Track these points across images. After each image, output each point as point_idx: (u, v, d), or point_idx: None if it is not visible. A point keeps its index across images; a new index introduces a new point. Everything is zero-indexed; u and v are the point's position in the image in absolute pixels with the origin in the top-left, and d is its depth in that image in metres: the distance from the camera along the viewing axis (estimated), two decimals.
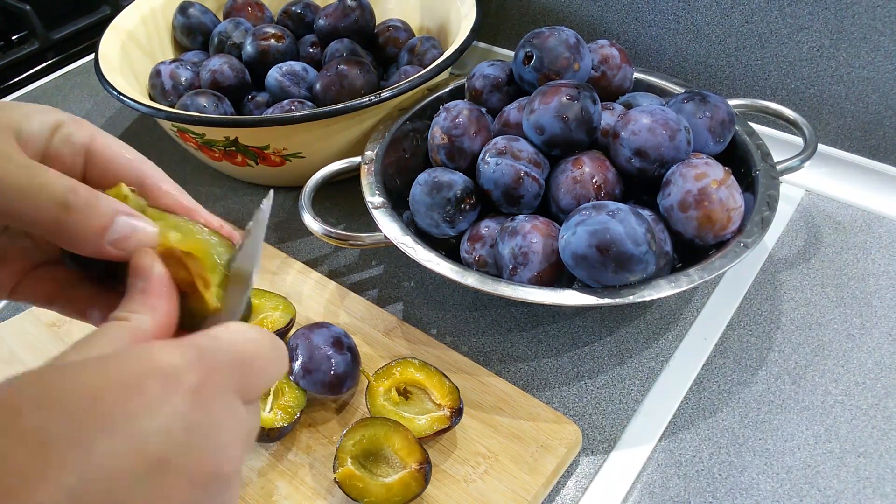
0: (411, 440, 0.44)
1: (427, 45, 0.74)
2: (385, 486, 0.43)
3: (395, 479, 0.43)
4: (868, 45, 0.62)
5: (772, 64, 0.67)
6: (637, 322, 0.56)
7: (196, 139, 0.65)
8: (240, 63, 0.72)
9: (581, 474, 0.47)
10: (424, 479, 0.43)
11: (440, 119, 0.57)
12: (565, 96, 0.51)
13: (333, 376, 0.47)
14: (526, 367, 0.54)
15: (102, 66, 0.68)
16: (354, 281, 0.62)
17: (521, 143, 0.53)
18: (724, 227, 0.49)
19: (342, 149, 0.66)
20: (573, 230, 0.46)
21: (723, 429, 0.49)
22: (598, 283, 0.47)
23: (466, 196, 0.54)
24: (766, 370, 0.52)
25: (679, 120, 0.51)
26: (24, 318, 0.58)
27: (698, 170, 0.49)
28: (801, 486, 0.45)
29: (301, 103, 0.67)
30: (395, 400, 0.47)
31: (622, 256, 0.44)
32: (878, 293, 0.57)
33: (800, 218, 0.64)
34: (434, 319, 0.58)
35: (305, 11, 0.78)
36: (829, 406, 0.50)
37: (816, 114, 0.67)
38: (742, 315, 0.56)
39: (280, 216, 0.70)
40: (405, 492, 0.42)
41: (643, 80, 0.65)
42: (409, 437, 0.44)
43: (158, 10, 0.79)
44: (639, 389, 0.52)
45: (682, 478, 0.46)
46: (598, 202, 0.47)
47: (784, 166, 0.57)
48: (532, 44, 0.56)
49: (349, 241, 0.54)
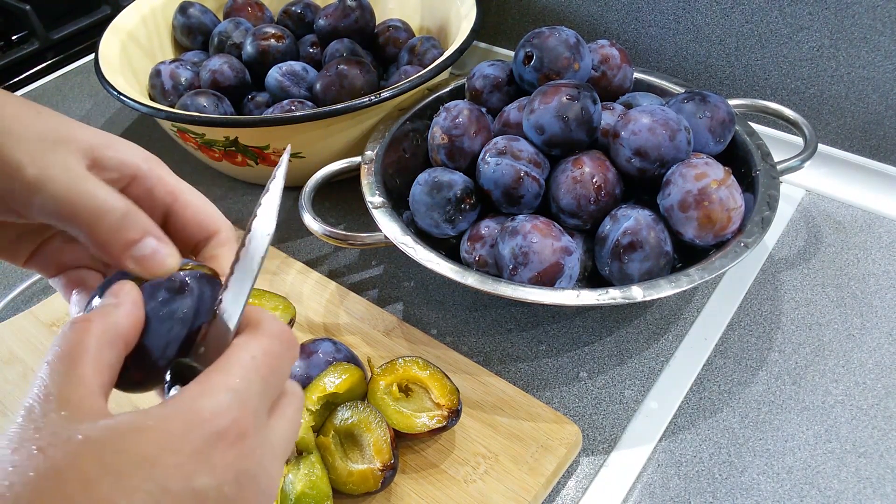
0: (387, 441, 0.44)
1: (427, 45, 0.74)
2: (348, 471, 0.44)
3: (357, 470, 0.44)
4: (868, 45, 0.61)
5: (772, 64, 0.67)
6: (637, 322, 0.56)
7: (196, 139, 0.65)
8: (240, 63, 0.72)
9: (581, 474, 0.47)
10: (382, 482, 0.43)
11: (440, 119, 0.57)
12: (565, 96, 0.51)
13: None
14: (526, 367, 0.54)
15: (102, 66, 0.68)
16: (354, 281, 0.62)
17: (522, 143, 0.53)
18: (724, 227, 0.49)
19: (342, 149, 0.66)
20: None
21: (723, 429, 0.49)
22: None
23: (466, 196, 0.54)
24: (767, 370, 0.52)
25: (679, 120, 0.51)
26: (24, 318, 0.58)
27: (698, 170, 0.49)
28: (801, 487, 0.45)
29: (301, 103, 0.67)
30: (395, 395, 0.47)
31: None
32: (878, 293, 0.57)
33: (800, 218, 0.64)
34: (434, 319, 0.58)
35: (305, 11, 0.78)
36: (829, 406, 0.50)
37: (816, 114, 0.67)
38: (742, 315, 0.56)
39: (280, 216, 0.70)
40: (361, 485, 0.44)
41: (643, 80, 0.65)
42: (386, 438, 0.44)
43: (158, 10, 0.79)
44: (639, 389, 0.52)
45: (682, 478, 0.46)
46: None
47: (784, 166, 0.57)
48: (532, 44, 0.56)
49: (349, 241, 0.54)
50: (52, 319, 0.58)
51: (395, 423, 0.46)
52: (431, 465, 0.46)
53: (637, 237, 0.49)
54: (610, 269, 0.51)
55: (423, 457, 0.47)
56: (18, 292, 0.63)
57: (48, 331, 0.57)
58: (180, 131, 0.65)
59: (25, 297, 0.63)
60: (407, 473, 0.46)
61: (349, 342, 0.54)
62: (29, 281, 0.63)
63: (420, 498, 0.45)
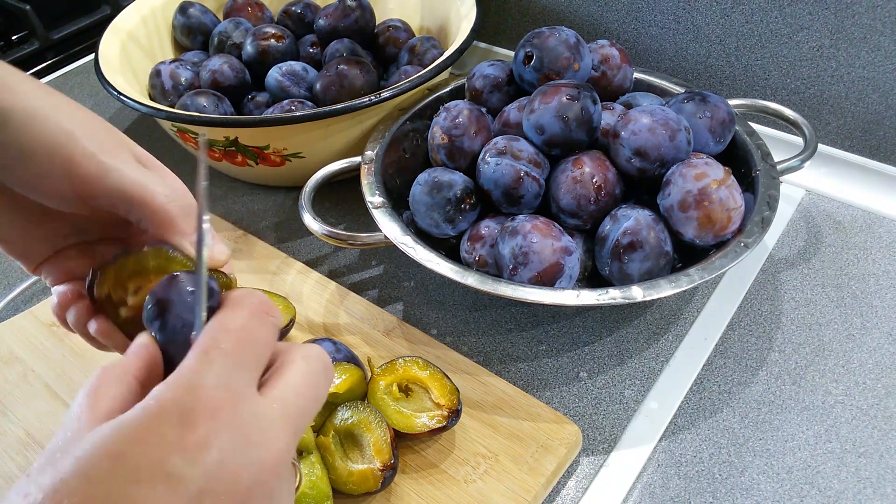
0: (387, 441, 0.44)
1: (427, 45, 0.74)
2: (348, 471, 0.44)
3: (357, 470, 0.44)
4: (868, 45, 0.61)
5: (772, 64, 0.67)
6: (637, 322, 0.56)
7: (196, 139, 0.65)
8: (240, 63, 0.72)
9: (581, 474, 0.47)
10: (382, 482, 0.43)
11: (440, 119, 0.57)
12: (565, 96, 0.51)
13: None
14: (526, 367, 0.54)
15: (102, 66, 0.68)
16: (354, 281, 0.62)
17: (522, 143, 0.53)
18: (724, 227, 0.49)
19: (342, 149, 0.66)
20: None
21: (723, 429, 0.49)
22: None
23: (466, 196, 0.54)
24: (767, 370, 0.52)
25: (679, 120, 0.51)
26: (24, 318, 0.58)
27: (698, 170, 0.49)
28: (801, 487, 0.45)
29: (301, 103, 0.67)
30: (395, 395, 0.47)
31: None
32: (878, 293, 0.57)
33: (800, 218, 0.64)
34: (434, 319, 0.58)
35: (305, 11, 0.78)
36: (829, 406, 0.50)
37: (816, 114, 0.67)
38: (742, 315, 0.56)
39: (280, 216, 0.70)
40: (361, 485, 0.44)
41: (643, 80, 0.65)
42: (386, 438, 0.44)
43: (158, 10, 0.79)
44: (639, 389, 0.52)
45: (682, 478, 0.46)
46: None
47: (784, 166, 0.57)
48: (532, 44, 0.56)
49: (349, 241, 0.54)
50: (51, 319, 0.58)
51: (395, 423, 0.46)
52: (431, 465, 0.46)
53: (637, 237, 0.49)
54: (610, 269, 0.51)
55: (423, 457, 0.47)
56: (18, 292, 0.63)
57: (48, 331, 0.57)
58: (180, 131, 0.65)
59: (25, 297, 0.63)
60: (407, 473, 0.46)
61: (349, 342, 0.54)
62: (29, 281, 0.63)
63: (420, 498, 0.45)
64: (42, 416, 0.51)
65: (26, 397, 0.52)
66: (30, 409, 0.52)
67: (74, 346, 0.56)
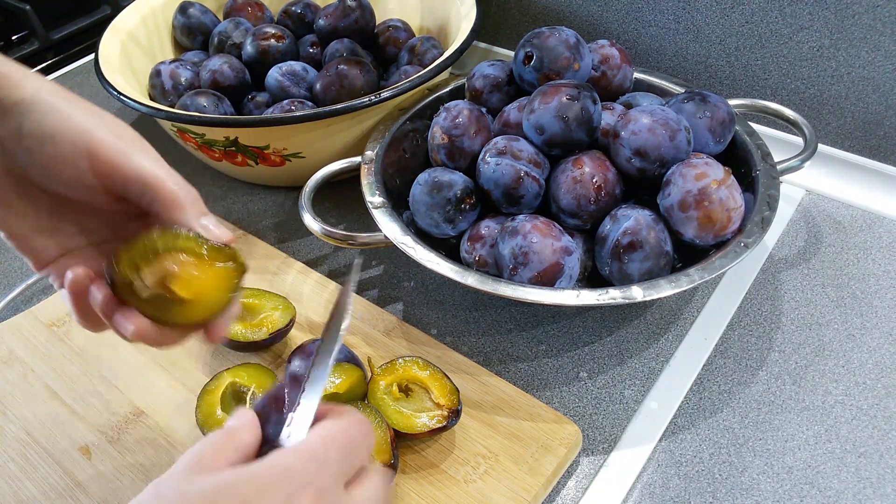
0: (387, 441, 0.44)
1: (427, 45, 0.74)
2: None
3: None
4: (868, 45, 0.61)
5: (772, 64, 0.67)
6: (637, 322, 0.56)
7: (196, 139, 0.65)
8: (240, 63, 0.72)
9: (581, 474, 0.47)
10: None
11: (440, 119, 0.57)
12: (565, 96, 0.51)
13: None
14: (526, 367, 0.54)
15: (102, 66, 0.68)
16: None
17: (521, 143, 0.53)
18: (724, 227, 0.49)
19: (342, 149, 0.66)
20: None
21: (723, 429, 0.49)
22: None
23: (466, 196, 0.54)
24: (767, 370, 0.52)
25: (679, 120, 0.51)
26: (24, 318, 0.58)
27: (698, 170, 0.49)
28: (801, 487, 0.45)
29: (301, 103, 0.67)
30: (395, 395, 0.47)
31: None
32: (878, 293, 0.57)
33: (800, 218, 0.64)
34: (434, 319, 0.58)
35: (305, 11, 0.78)
36: (829, 406, 0.50)
37: (816, 114, 0.67)
38: (742, 315, 0.56)
39: (280, 216, 0.70)
40: None
41: (643, 80, 0.65)
42: (386, 438, 0.44)
43: (158, 10, 0.79)
44: (639, 389, 0.52)
45: (682, 478, 0.46)
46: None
47: (784, 166, 0.57)
48: (532, 44, 0.56)
49: (349, 241, 0.54)
50: (51, 319, 0.58)
51: (395, 423, 0.46)
52: (431, 465, 0.46)
53: (637, 237, 0.49)
54: (610, 269, 0.51)
55: (423, 457, 0.47)
56: (18, 292, 0.63)
57: (48, 331, 0.57)
58: (180, 131, 0.65)
59: (25, 297, 0.63)
60: (407, 473, 0.46)
61: (349, 342, 0.54)
62: (29, 281, 0.63)
63: (420, 498, 0.45)
64: (42, 416, 0.51)
65: (26, 397, 0.52)
66: (30, 410, 0.52)
67: (74, 346, 0.56)
